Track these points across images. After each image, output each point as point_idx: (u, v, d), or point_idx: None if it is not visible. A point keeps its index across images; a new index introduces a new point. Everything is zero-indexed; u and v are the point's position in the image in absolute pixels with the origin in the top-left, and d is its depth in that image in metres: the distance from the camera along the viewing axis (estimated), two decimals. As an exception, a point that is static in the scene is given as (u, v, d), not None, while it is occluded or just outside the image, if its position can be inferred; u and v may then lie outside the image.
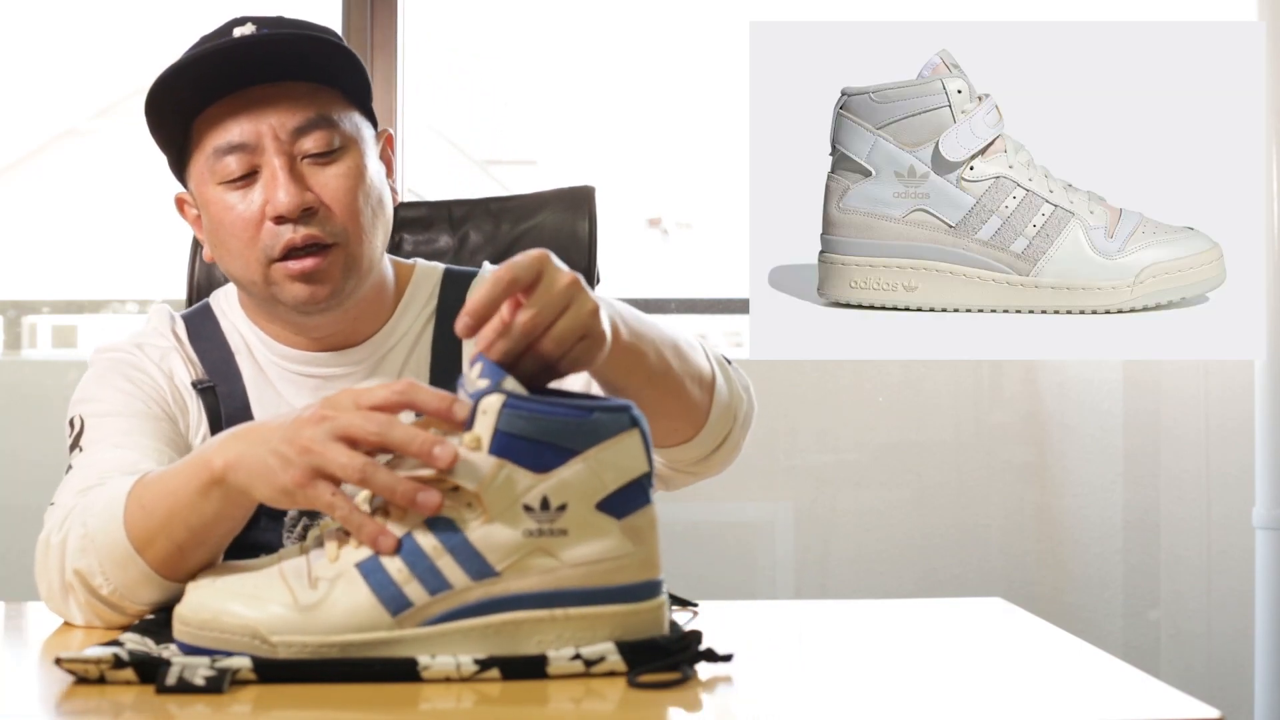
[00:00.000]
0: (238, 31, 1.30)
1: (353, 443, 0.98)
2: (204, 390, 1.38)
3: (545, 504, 0.95)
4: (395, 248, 1.78)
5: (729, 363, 1.32)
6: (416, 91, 2.72)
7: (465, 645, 0.95)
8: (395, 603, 0.95)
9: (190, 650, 0.98)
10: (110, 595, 1.14)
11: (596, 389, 1.34)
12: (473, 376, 0.98)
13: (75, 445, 1.32)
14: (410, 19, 2.66)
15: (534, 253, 1.04)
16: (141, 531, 1.11)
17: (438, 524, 0.96)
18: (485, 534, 0.95)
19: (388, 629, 0.95)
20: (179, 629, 0.99)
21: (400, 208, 1.82)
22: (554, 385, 1.05)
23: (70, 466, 1.29)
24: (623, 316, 1.15)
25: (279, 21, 1.32)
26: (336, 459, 0.97)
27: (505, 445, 0.94)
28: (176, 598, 1.18)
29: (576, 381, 1.35)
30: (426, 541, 0.95)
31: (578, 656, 0.94)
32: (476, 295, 1.00)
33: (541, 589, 0.95)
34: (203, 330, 1.43)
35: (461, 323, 1.00)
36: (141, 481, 1.14)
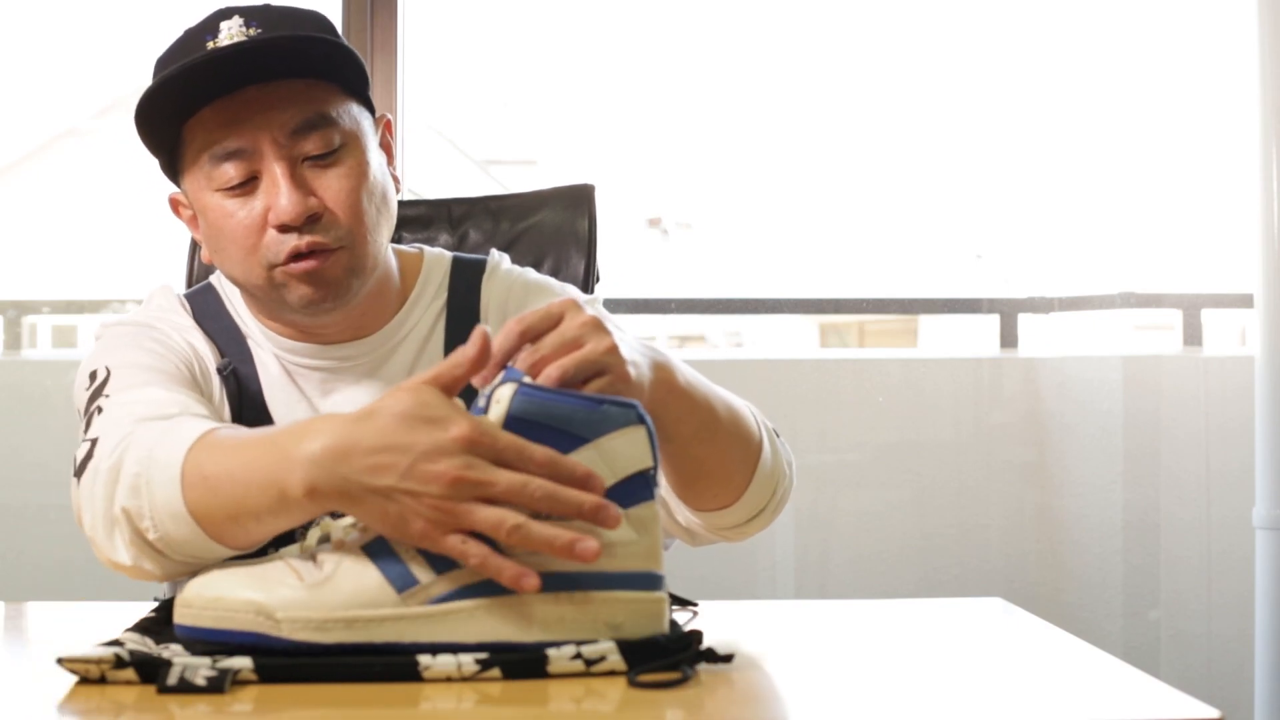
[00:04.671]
0: (224, 25, 1.27)
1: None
2: (227, 376, 1.36)
3: None
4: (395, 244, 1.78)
5: (777, 435, 1.30)
6: (416, 91, 2.72)
7: (470, 624, 0.95)
8: (401, 580, 0.96)
9: (192, 634, 0.98)
10: (156, 541, 1.09)
11: None
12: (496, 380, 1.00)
13: (100, 393, 1.23)
14: (410, 19, 2.66)
15: (558, 301, 1.04)
16: (201, 505, 1.06)
17: None
18: None
19: (393, 605, 0.95)
20: (181, 612, 0.99)
21: (400, 206, 1.81)
22: None
23: (99, 409, 1.20)
24: (676, 366, 1.14)
25: (266, 11, 1.29)
26: (486, 520, 0.94)
27: (516, 429, 0.96)
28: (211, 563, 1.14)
29: None
30: None
31: (578, 656, 0.94)
32: (491, 346, 1.01)
33: (546, 571, 0.96)
34: (209, 310, 1.41)
35: (479, 378, 1.00)
36: (205, 443, 1.08)
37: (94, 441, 1.15)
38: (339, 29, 2.60)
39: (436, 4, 2.96)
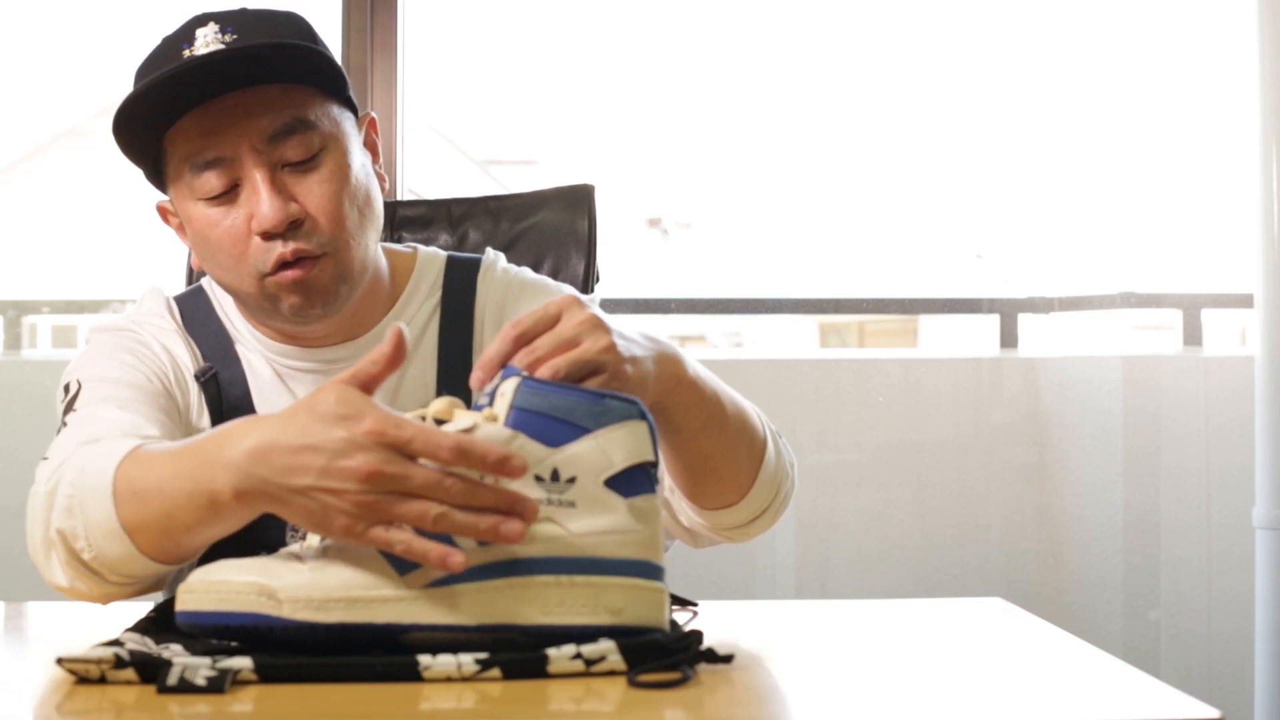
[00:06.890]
0: (199, 33, 1.26)
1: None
2: (206, 382, 1.37)
3: (555, 475, 0.97)
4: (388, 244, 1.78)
5: (780, 438, 1.30)
6: (416, 91, 2.72)
7: (470, 607, 0.96)
8: (403, 562, 0.96)
9: (193, 618, 0.98)
10: (91, 561, 1.10)
11: None
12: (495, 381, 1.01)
13: (69, 408, 1.27)
14: (410, 19, 2.66)
15: (555, 300, 1.05)
16: (133, 517, 1.07)
17: None
18: None
19: (394, 586, 0.96)
20: (184, 599, 0.98)
21: (400, 206, 1.81)
22: None
23: (64, 424, 1.24)
24: (685, 358, 1.15)
25: (242, 16, 1.28)
26: (409, 512, 0.94)
27: (520, 420, 0.97)
28: (161, 584, 1.15)
29: None
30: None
31: (578, 656, 0.94)
32: (488, 350, 1.02)
33: (548, 555, 0.97)
34: (198, 314, 1.41)
35: (475, 378, 1.01)
36: (134, 458, 1.09)
37: (44, 461, 1.18)
38: (339, 29, 2.62)
39: (436, 4, 2.96)
